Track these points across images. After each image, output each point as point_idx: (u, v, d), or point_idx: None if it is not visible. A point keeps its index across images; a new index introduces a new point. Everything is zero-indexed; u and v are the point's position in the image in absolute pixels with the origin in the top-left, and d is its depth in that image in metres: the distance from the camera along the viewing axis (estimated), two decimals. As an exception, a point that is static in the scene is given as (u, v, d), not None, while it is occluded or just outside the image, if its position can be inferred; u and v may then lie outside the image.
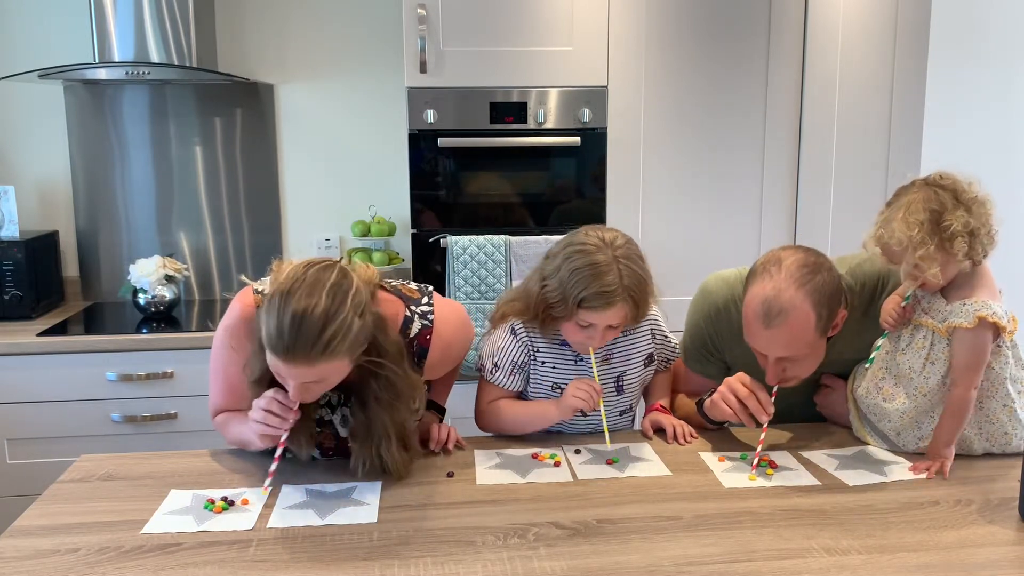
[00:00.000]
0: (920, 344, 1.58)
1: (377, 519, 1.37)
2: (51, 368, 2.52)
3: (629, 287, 1.58)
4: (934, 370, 1.56)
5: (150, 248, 3.01)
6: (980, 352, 1.52)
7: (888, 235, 1.51)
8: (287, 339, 1.32)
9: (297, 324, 1.32)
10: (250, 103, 3.05)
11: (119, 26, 2.70)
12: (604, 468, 1.58)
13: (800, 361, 1.58)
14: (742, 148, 2.74)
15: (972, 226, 1.48)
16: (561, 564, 1.22)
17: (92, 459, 1.63)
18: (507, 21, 2.60)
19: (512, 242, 2.65)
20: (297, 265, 1.40)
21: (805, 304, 1.51)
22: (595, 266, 1.57)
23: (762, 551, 1.26)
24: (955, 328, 1.52)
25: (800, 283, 1.51)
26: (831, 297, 1.54)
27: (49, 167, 3.02)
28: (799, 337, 1.53)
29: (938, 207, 1.48)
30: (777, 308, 1.51)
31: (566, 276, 1.58)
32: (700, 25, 2.67)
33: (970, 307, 1.51)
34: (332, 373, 1.39)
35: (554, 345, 1.73)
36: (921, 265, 1.49)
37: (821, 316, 1.52)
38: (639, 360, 1.79)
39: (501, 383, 1.75)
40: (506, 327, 1.74)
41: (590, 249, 1.59)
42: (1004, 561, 1.23)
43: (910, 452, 1.62)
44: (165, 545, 1.28)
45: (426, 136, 2.61)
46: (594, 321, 1.60)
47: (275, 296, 1.35)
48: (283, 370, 1.37)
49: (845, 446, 1.67)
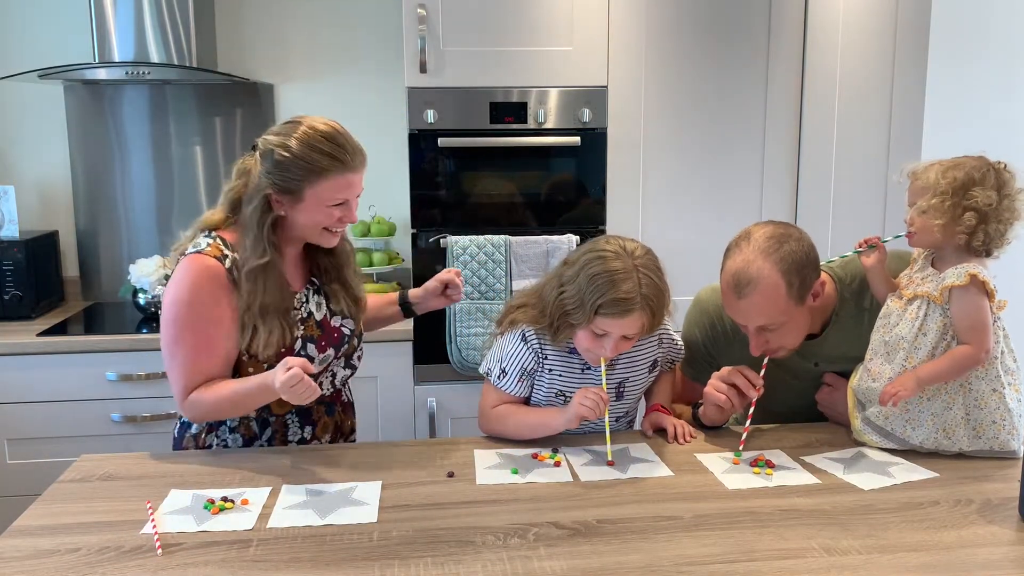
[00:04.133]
0: (913, 314, 1.58)
1: (377, 519, 1.37)
2: (51, 368, 2.52)
3: (648, 296, 1.57)
4: (925, 341, 1.56)
5: (150, 248, 3.01)
6: (979, 310, 1.53)
7: (924, 172, 1.56)
8: (349, 147, 1.57)
9: (342, 134, 1.59)
10: (250, 103, 3.05)
11: (119, 26, 2.70)
12: (604, 468, 1.58)
13: (780, 330, 1.63)
14: (742, 148, 2.74)
15: (990, 213, 1.51)
16: (561, 564, 1.22)
17: (92, 459, 1.63)
18: (507, 21, 2.60)
19: (512, 242, 2.65)
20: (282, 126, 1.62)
21: (774, 273, 1.57)
22: (614, 273, 1.56)
23: (762, 551, 1.26)
24: (950, 289, 1.53)
25: (767, 253, 1.58)
26: (800, 265, 1.59)
27: (49, 167, 3.02)
28: (772, 304, 1.58)
29: (979, 178, 1.52)
30: (746, 279, 1.57)
31: (584, 282, 1.58)
32: (700, 25, 2.67)
33: (961, 269, 1.53)
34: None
35: (563, 353, 1.72)
36: (929, 211, 1.53)
37: (792, 284, 1.57)
38: (644, 367, 1.80)
39: (508, 389, 1.74)
40: (516, 333, 1.73)
41: (609, 256, 1.59)
42: (1004, 561, 1.23)
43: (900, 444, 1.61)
44: (165, 545, 1.28)
45: (426, 136, 2.61)
46: (610, 329, 1.59)
47: (305, 135, 1.56)
48: (354, 184, 1.59)
49: (844, 447, 1.67)
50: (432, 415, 2.64)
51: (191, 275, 1.57)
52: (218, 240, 1.63)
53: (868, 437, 1.66)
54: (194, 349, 1.58)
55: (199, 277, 1.57)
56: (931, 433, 1.59)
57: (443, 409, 2.65)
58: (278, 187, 1.58)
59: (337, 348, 1.75)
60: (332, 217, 1.62)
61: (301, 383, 1.46)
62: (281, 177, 1.57)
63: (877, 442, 1.65)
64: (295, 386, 1.46)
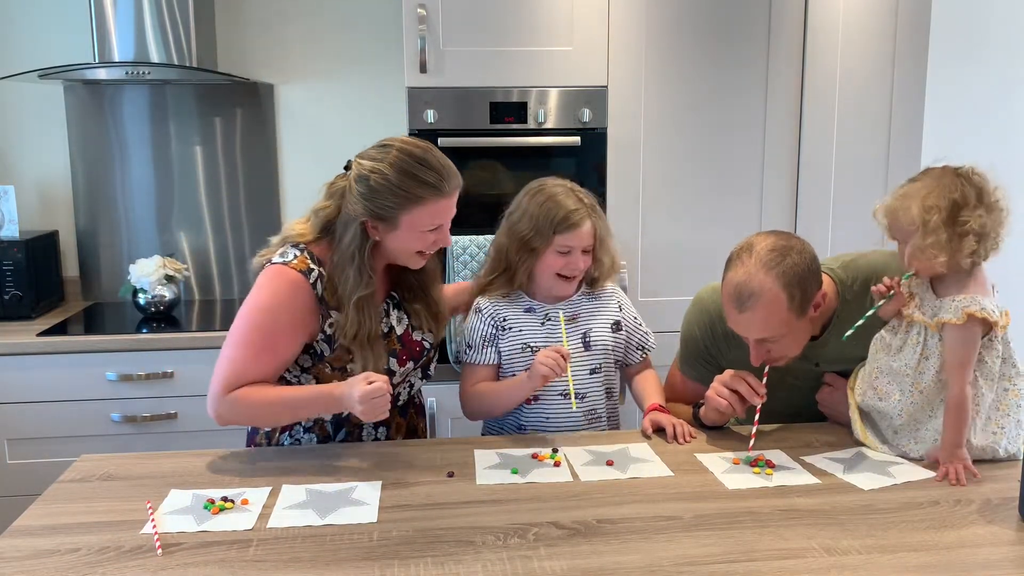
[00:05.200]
0: (914, 341, 1.58)
1: (377, 519, 1.37)
2: (51, 368, 2.52)
3: (591, 205, 1.82)
4: (928, 365, 1.56)
5: (150, 248, 3.01)
6: (970, 347, 1.52)
7: (903, 211, 1.53)
8: (446, 172, 1.58)
9: (441, 159, 1.58)
10: (250, 103, 3.05)
11: (119, 26, 2.70)
12: (604, 468, 1.58)
13: (781, 341, 1.63)
14: (742, 148, 2.74)
15: (986, 229, 1.49)
16: (561, 564, 1.22)
17: (92, 459, 1.63)
18: (507, 21, 2.60)
19: (512, 242, 2.65)
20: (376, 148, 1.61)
21: (775, 287, 1.56)
22: (557, 196, 1.80)
23: (762, 551, 1.26)
24: (944, 324, 1.53)
25: (769, 267, 1.57)
26: (802, 278, 1.58)
27: (49, 167, 3.02)
28: (773, 317, 1.58)
29: (960, 200, 1.50)
30: (748, 292, 1.57)
31: (535, 210, 1.79)
32: (700, 25, 2.67)
33: (959, 303, 1.51)
34: None
35: (519, 311, 1.87)
36: (928, 251, 1.50)
37: (793, 296, 1.57)
38: (605, 323, 1.90)
39: (476, 360, 1.86)
40: (472, 310, 1.89)
41: (547, 185, 1.83)
42: (1004, 561, 1.23)
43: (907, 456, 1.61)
44: (165, 545, 1.28)
45: (426, 136, 2.60)
46: (571, 244, 1.78)
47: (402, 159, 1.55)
48: (448, 208, 1.60)
49: (844, 447, 1.67)
50: (432, 415, 2.64)
51: (275, 284, 1.60)
52: (306, 253, 1.63)
53: (870, 439, 1.66)
54: (256, 353, 1.58)
55: (281, 287, 1.59)
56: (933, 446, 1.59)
57: (443, 409, 2.65)
58: (374, 214, 1.58)
59: (416, 362, 1.76)
60: (426, 241, 1.62)
61: (383, 398, 1.48)
62: (377, 204, 1.57)
63: (878, 444, 1.65)
64: (376, 399, 1.48)
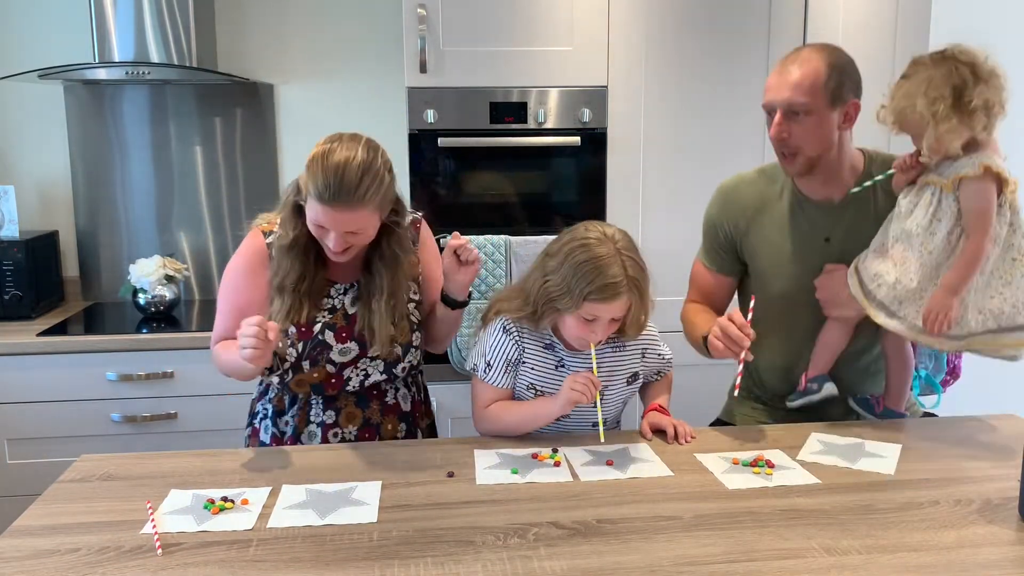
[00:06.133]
0: (927, 201, 1.61)
1: (377, 519, 1.37)
2: (51, 368, 2.53)
3: (633, 278, 1.61)
4: (940, 226, 1.59)
5: (150, 248, 3.01)
6: (989, 198, 1.55)
7: (910, 109, 1.57)
8: (333, 185, 1.55)
9: (341, 172, 1.55)
10: (250, 103, 3.05)
11: (119, 26, 2.70)
12: (604, 468, 1.58)
13: (803, 124, 1.68)
14: (742, 148, 2.73)
15: (990, 102, 1.54)
16: (561, 564, 1.22)
17: (92, 459, 1.63)
18: (507, 21, 2.60)
19: (512, 242, 2.65)
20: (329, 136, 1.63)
21: (820, 61, 1.67)
22: (599, 259, 1.60)
23: (762, 551, 1.26)
24: (961, 179, 1.55)
25: (820, 49, 1.70)
26: (844, 71, 1.68)
27: (49, 167, 3.02)
28: (806, 80, 1.66)
29: (959, 83, 1.54)
30: (793, 58, 1.69)
31: (569, 272, 1.61)
32: (700, 25, 2.67)
33: (976, 159, 1.55)
34: (367, 223, 1.62)
35: (539, 347, 1.74)
36: (944, 138, 1.54)
37: (831, 76, 1.66)
38: (622, 378, 1.79)
39: (495, 382, 1.75)
40: (496, 325, 1.75)
41: (593, 243, 1.62)
42: (1004, 561, 1.23)
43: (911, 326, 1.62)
44: (165, 545, 1.28)
45: (426, 136, 2.61)
46: (600, 314, 1.62)
47: (318, 155, 1.58)
48: (327, 218, 1.58)
49: (844, 437, 1.67)
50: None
51: (242, 246, 1.79)
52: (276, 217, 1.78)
53: (872, 309, 1.67)
54: (229, 309, 1.75)
55: (246, 249, 1.78)
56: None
57: (443, 409, 2.65)
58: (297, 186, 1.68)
59: (361, 345, 1.75)
60: (319, 235, 1.66)
61: (250, 338, 1.51)
62: (301, 178, 1.66)
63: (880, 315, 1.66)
64: (244, 335, 1.51)
